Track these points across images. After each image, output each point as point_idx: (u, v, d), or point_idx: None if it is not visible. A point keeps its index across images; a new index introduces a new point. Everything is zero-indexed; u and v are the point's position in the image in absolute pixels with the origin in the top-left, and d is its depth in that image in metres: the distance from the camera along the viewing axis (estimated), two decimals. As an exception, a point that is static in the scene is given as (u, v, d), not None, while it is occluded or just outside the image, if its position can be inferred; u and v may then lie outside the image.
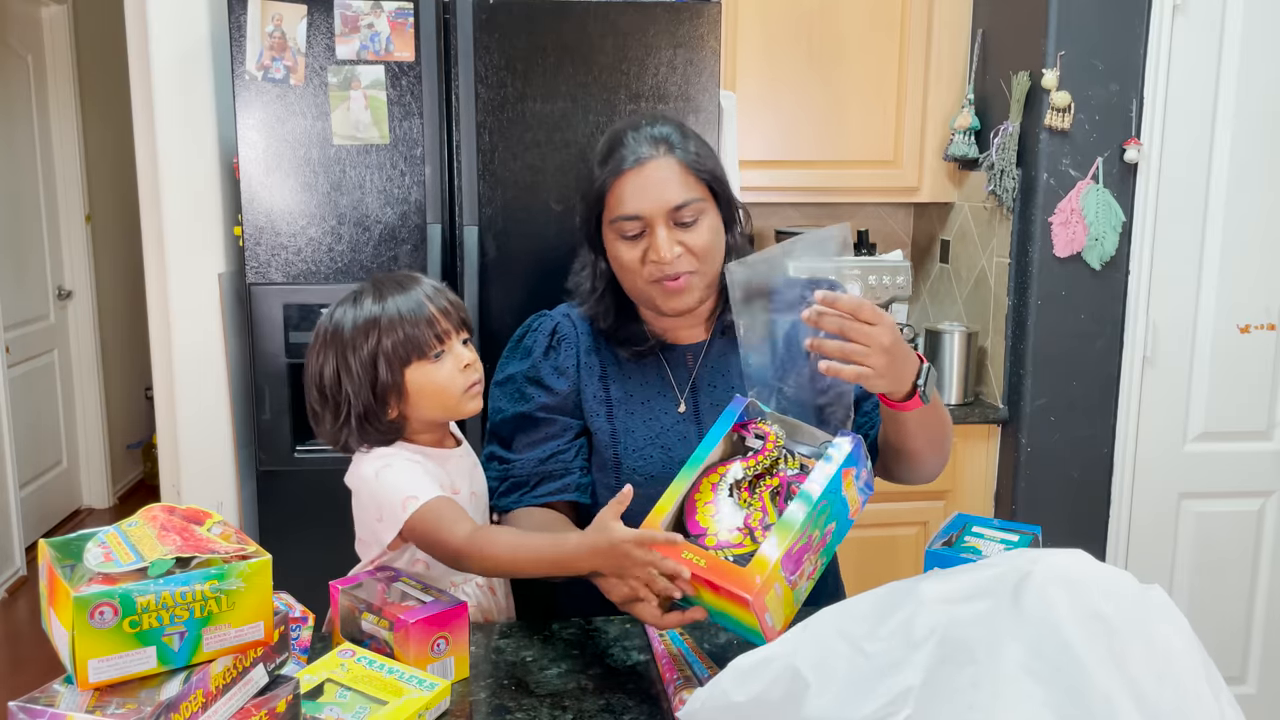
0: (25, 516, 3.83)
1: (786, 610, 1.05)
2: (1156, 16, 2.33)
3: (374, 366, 1.24)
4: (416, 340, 1.25)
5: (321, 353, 1.28)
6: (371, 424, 1.27)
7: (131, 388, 4.84)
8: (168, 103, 2.26)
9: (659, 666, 1.14)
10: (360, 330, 1.25)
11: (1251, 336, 2.47)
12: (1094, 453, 2.50)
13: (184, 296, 2.30)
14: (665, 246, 1.24)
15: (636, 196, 1.25)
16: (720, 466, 1.15)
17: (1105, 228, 2.39)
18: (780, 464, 1.14)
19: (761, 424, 1.16)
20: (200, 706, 0.84)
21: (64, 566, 0.84)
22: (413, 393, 1.26)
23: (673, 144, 1.27)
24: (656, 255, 1.25)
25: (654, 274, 1.27)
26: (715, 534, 1.09)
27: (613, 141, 1.30)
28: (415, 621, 1.08)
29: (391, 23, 2.08)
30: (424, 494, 1.21)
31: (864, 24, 2.64)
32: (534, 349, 1.39)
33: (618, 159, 1.27)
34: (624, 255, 1.28)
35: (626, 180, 1.26)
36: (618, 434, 1.34)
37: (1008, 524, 1.19)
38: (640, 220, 1.26)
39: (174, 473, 2.38)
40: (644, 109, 2.13)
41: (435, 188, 2.11)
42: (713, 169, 1.30)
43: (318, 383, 1.28)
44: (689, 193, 1.26)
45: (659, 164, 1.26)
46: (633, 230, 1.27)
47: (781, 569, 1.01)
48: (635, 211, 1.25)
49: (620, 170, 1.27)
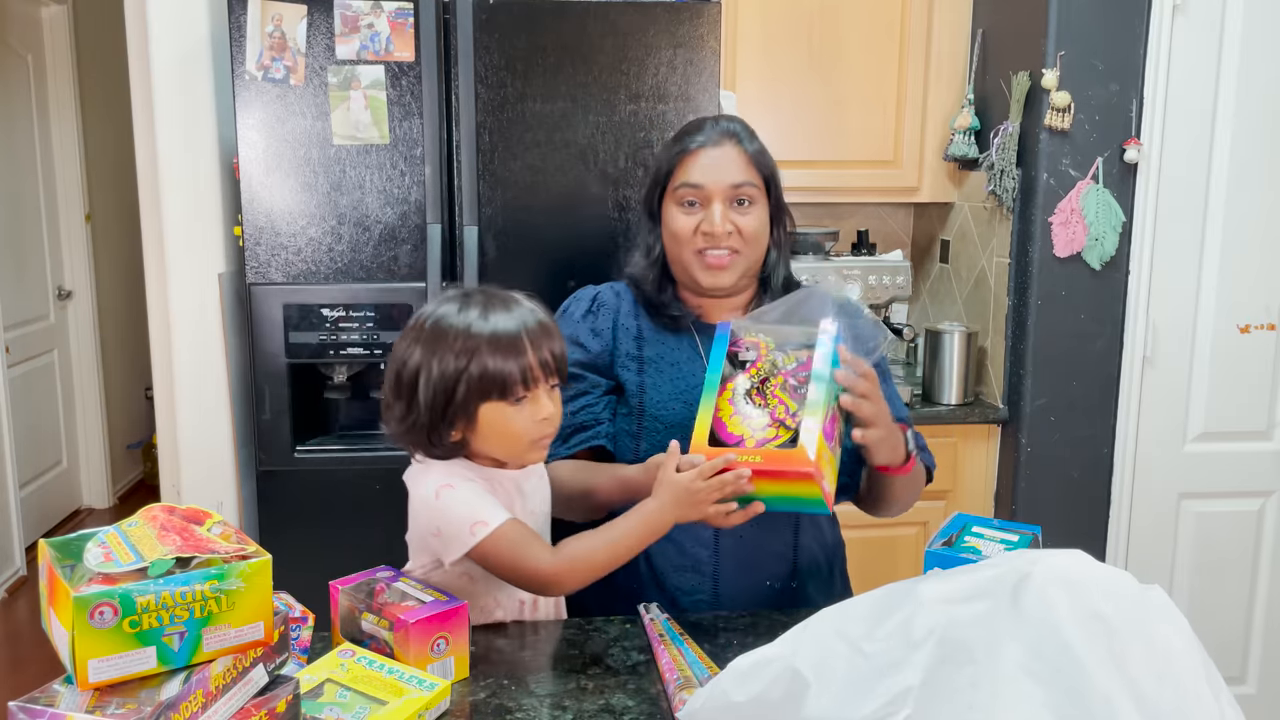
0: (25, 516, 3.83)
1: (832, 475, 1.22)
2: (1156, 16, 2.33)
3: (452, 388, 1.18)
4: (503, 380, 1.18)
5: (413, 344, 1.22)
6: (432, 438, 1.22)
7: (131, 388, 4.84)
8: (168, 103, 2.26)
9: (659, 666, 1.14)
10: (455, 341, 1.19)
11: (1251, 336, 2.47)
12: (1094, 453, 2.50)
13: (184, 296, 2.30)
14: (719, 218, 1.37)
15: (702, 170, 1.38)
16: (728, 384, 1.26)
17: (1105, 228, 2.39)
18: (778, 364, 1.26)
19: (748, 337, 1.29)
20: (200, 706, 0.84)
21: (64, 566, 0.84)
22: (482, 427, 1.21)
23: (740, 137, 1.41)
24: (710, 225, 1.37)
25: (702, 244, 1.38)
26: (751, 435, 1.21)
27: (688, 127, 1.45)
28: (415, 621, 1.08)
29: (391, 23, 2.08)
30: (493, 519, 1.16)
31: (864, 24, 2.64)
32: (574, 313, 1.49)
33: (690, 139, 1.41)
34: (679, 222, 1.40)
35: (695, 156, 1.39)
36: (646, 386, 1.44)
37: (1008, 524, 1.19)
38: (701, 190, 1.38)
39: (174, 473, 2.38)
40: (644, 109, 2.13)
41: (435, 188, 2.11)
42: (771, 168, 1.43)
43: (399, 370, 1.22)
44: (747, 177, 1.39)
45: (726, 149, 1.40)
46: (692, 198, 1.38)
47: (825, 439, 1.19)
48: (699, 181, 1.38)
49: (690, 148, 1.40)
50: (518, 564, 1.17)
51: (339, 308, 2.13)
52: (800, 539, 1.43)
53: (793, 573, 1.43)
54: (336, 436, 2.26)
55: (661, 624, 1.23)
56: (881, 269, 2.66)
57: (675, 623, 1.24)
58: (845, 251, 2.90)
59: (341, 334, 2.14)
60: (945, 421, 2.55)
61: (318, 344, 2.14)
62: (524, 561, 1.16)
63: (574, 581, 1.18)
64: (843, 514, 1.51)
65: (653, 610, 1.26)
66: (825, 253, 2.71)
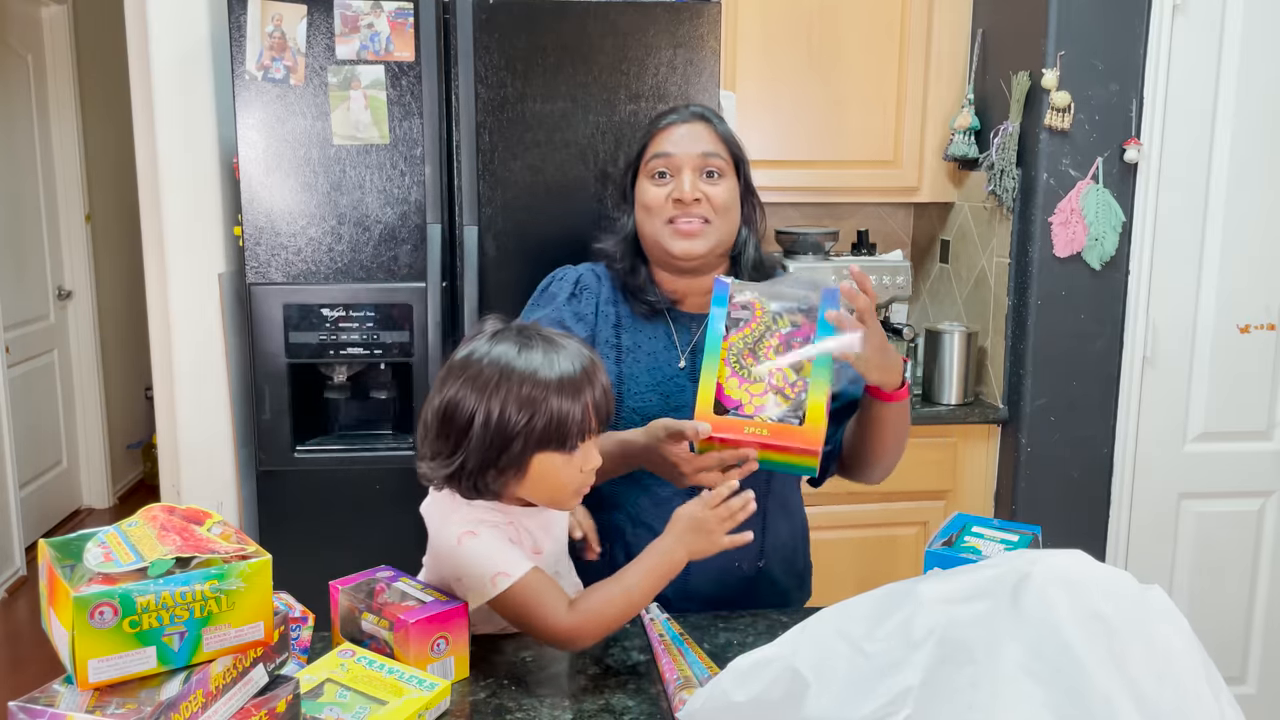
0: (25, 516, 3.83)
1: None
2: (1156, 16, 2.33)
3: (509, 439, 1.15)
4: (565, 432, 1.16)
5: (467, 386, 1.16)
6: (478, 484, 1.18)
7: (131, 388, 4.84)
8: (168, 103, 2.26)
9: (659, 667, 1.14)
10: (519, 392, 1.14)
11: (1251, 336, 2.47)
12: (1094, 453, 2.50)
13: (184, 296, 2.30)
14: (688, 184, 1.40)
15: (672, 141, 1.43)
16: (722, 345, 1.27)
17: (1105, 228, 2.39)
18: (772, 326, 1.27)
19: (742, 295, 1.28)
20: (200, 706, 0.84)
21: (64, 566, 0.84)
22: (531, 476, 1.18)
23: (710, 119, 1.46)
24: (680, 192, 1.40)
25: (672, 211, 1.41)
26: (749, 401, 1.24)
27: (661, 111, 1.51)
28: (416, 621, 1.08)
29: (391, 23, 2.08)
30: (515, 570, 1.14)
31: (864, 24, 2.64)
32: (558, 296, 1.51)
33: (663, 119, 1.47)
34: (650, 193, 1.43)
35: (667, 131, 1.45)
36: (624, 377, 1.45)
37: (1008, 524, 1.19)
38: (672, 159, 1.42)
39: (174, 473, 2.38)
40: (644, 109, 2.14)
41: (435, 188, 2.11)
42: (739, 147, 1.48)
43: (449, 412, 1.16)
44: (716, 149, 1.43)
45: (696, 126, 1.45)
46: (663, 168, 1.42)
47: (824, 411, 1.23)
48: (669, 150, 1.42)
49: (661, 125, 1.46)
50: (535, 618, 1.14)
51: (339, 308, 2.13)
52: (768, 521, 1.46)
53: (760, 554, 1.46)
54: (336, 436, 2.26)
55: (662, 624, 1.23)
56: (881, 269, 2.66)
57: (675, 623, 1.24)
58: (845, 251, 2.90)
59: (341, 334, 2.14)
60: (945, 421, 2.55)
61: (318, 344, 2.14)
62: (541, 617, 1.13)
63: (589, 638, 1.14)
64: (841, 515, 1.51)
65: (653, 610, 1.26)
66: (825, 253, 2.71)
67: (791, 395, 1.23)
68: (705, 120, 1.46)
